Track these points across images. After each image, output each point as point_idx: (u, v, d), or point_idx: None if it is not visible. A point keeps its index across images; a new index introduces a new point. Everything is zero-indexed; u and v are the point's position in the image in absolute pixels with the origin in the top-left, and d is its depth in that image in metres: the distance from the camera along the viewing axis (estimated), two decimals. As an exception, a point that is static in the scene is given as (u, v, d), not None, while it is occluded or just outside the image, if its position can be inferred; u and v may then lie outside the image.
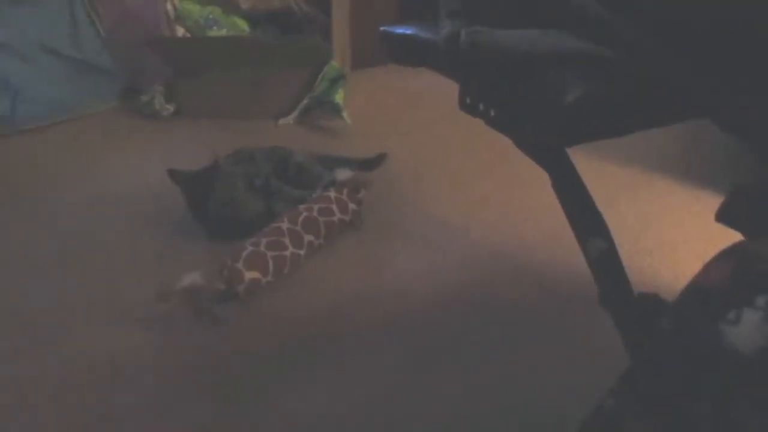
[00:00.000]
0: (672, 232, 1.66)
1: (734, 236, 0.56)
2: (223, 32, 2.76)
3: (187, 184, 1.67)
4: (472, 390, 1.15)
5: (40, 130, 2.47)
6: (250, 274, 1.40)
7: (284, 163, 1.82)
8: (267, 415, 1.10)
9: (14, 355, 1.25)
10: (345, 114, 2.45)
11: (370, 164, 1.97)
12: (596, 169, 1.95)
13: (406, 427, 1.07)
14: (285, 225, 1.53)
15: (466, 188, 1.93)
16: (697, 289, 0.45)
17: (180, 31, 2.69)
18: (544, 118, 0.75)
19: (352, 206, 1.67)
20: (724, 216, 0.61)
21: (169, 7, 2.68)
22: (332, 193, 1.67)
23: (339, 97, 2.49)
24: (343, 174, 1.74)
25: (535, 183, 1.03)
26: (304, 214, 1.57)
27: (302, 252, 1.52)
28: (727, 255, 0.45)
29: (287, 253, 1.48)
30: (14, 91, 2.42)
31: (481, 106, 0.84)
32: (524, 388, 1.15)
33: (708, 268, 0.45)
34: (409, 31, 0.97)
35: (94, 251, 1.61)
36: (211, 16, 2.75)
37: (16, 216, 1.81)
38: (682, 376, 0.41)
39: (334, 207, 1.63)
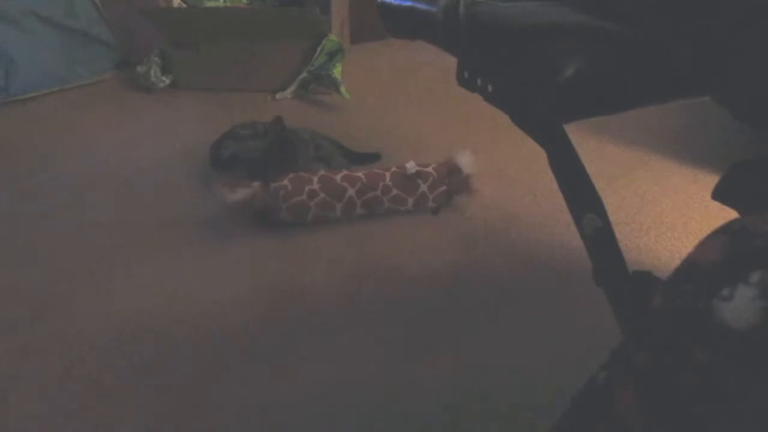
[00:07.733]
0: (670, 211, 1.66)
1: (731, 214, 0.56)
2: (220, 3, 2.72)
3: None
4: (467, 364, 1.16)
5: (33, 99, 2.44)
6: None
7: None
8: (268, 386, 1.11)
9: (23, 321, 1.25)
10: (343, 89, 2.43)
11: (361, 159, 1.93)
12: (595, 149, 1.95)
13: (402, 399, 1.08)
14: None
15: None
16: (690, 265, 0.44)
17: (176, 2, 2.65)
18: (541, 94, 0.74)
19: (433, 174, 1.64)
20: (720, 194, 0.60)
21: (165, -24, 2.64)
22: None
23: (337, 71, 2.47)
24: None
25: (532, 159, 1.03)
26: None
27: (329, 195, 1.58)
28: (721, 232, 0.44)
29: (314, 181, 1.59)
30: (8, 59, 2.39)
31: (478, 81, 0.83)
32: (518, 363, 1.15)
33: (702, 244, 0.45)
34: (407, 2, 0.95)
35: (83, 229, 1.60)
36: (208, -13, 2.71)
37: (4, 191, 1.79)
38: (674, 351, 0.41)
39: (387, 174, 1.63)
